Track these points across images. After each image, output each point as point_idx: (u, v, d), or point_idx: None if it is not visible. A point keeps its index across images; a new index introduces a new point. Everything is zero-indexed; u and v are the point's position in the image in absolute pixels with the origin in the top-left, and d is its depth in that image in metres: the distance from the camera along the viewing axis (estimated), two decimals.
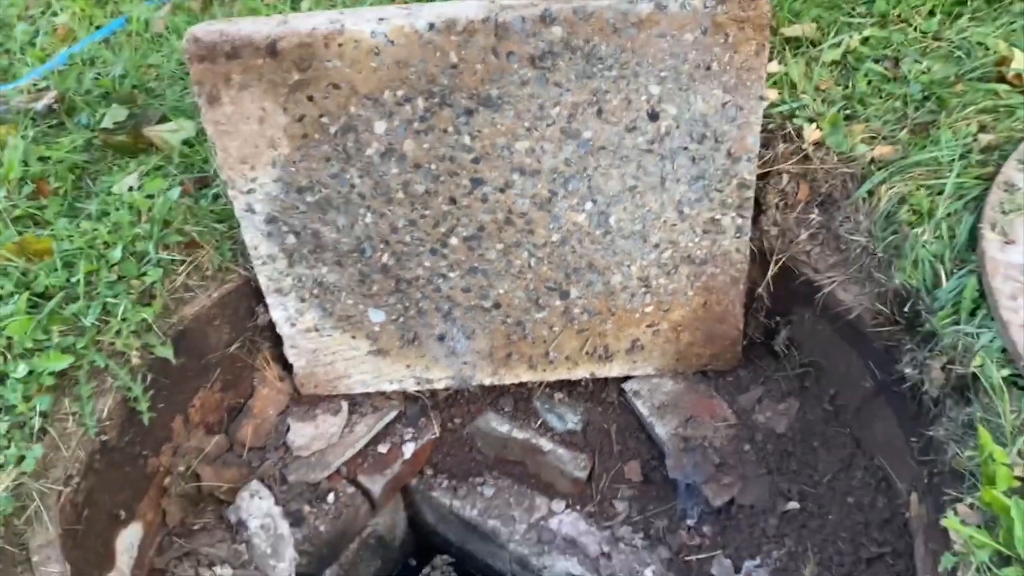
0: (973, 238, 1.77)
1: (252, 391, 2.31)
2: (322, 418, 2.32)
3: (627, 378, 2.38)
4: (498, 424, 2.43)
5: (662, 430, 2.27)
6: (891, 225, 1.93)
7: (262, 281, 2.12)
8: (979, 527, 1.41)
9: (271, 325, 2.22)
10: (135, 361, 1.90)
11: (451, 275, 2.09)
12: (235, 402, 2.28)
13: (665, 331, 2.23)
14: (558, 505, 2.38)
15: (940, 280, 1.77)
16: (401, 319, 2.18)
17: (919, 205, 1.90)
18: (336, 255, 2.06)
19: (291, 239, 2.04)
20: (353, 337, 2.22)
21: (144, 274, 2.01)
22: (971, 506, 1.46)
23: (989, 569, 1.35)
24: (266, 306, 2.17)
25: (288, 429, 2.30)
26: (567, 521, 2.34)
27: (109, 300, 1.92)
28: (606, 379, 2.41)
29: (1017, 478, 1.38)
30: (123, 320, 1.91)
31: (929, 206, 1.88)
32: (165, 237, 2.09)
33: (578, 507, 2.37)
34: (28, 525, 1.64)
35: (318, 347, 2.24)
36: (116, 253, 2.00)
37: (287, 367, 2.32)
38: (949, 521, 1.41)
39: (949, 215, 1.86)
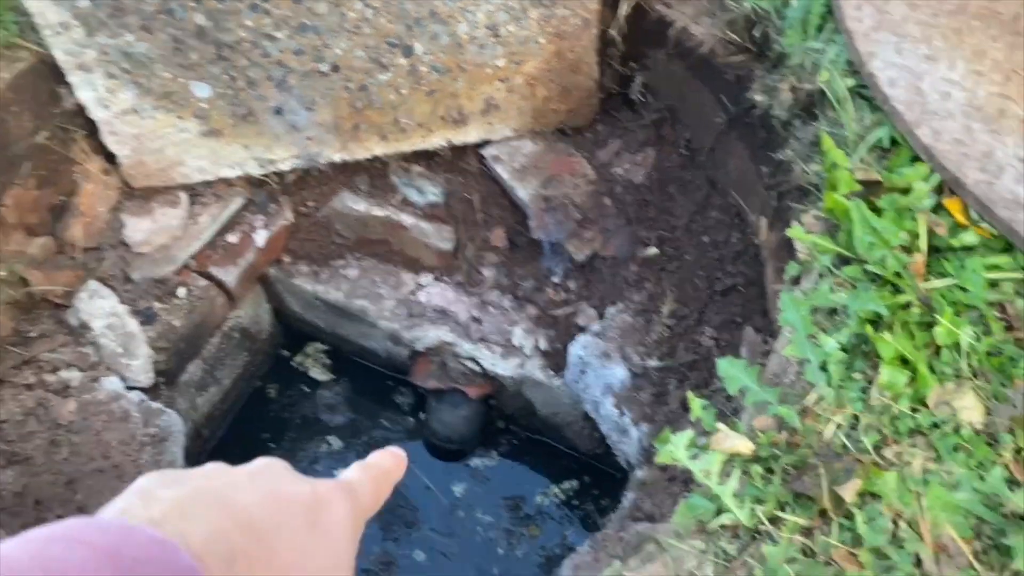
0: None
1: (75, 187, 2.09)
2: (160, 211, 2.14)
3: (486, 144, 2.29)
4: (355, 203, 2.32)
5: (524, 193, 2.22)
6: None
7: (59, 57, 1.85)
8: (821, 234, 1.44)
9: (83, 110, 1.97)
10: None
11: (278, 35, 1.88)
12: (57, 200, 2.06)
13: (519, 87, 2.12)
14: (425, 278, 2.35)
15: None
16: (230, 92, 1.97)
17: None
18: (141, 18, 1.81)
19: (84, 2, 1.76)
20: (179, 117, 2.01)
21: None
22: (815, 217, 1.48)
23: (831, 272, 1.39)
24: (70, 87, 1.92)
25: (123, 225, 2.11)
26: (436, 292, 2.31)
27: None
28: (464, 147, 2.31)
29: (858, 182, 1.40)
30: None
31: None
32: None
33: (446, 278, 2.34)
34: None
35: (141, 132, 2.02)
36: None
37: (111, 158, 2.09)
38: (793, 230, 1.43)
39: None
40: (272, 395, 2.55)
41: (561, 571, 1.70)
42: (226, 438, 2.45)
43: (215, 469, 0.48)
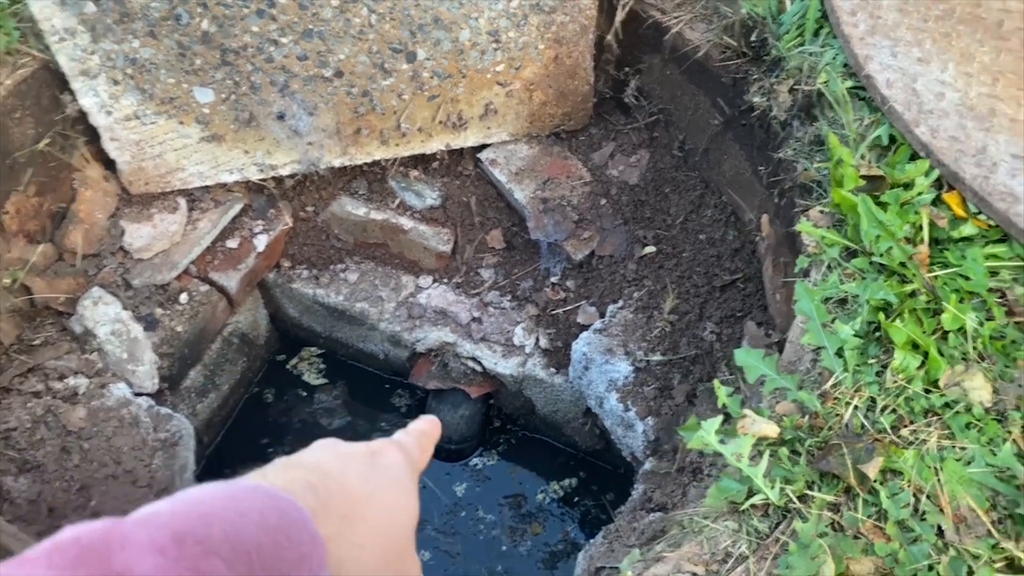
0: None
1: (74, 194, 2.07)
2: (159, 217, 2.14)
3: (482, 148, 2.33)
4: (354, 207, 2.34)
5: (521, 195, 2.26)
6: None
7: (63, 63, 1.85)
8: (829, 228, 1.51)
9: (84, 116, 1.97)
10: None
11: (283, 41, 1.90)
12: (56, 207, 2.04)
13: (518, 91, 2.17)
14: (425, 280, 2.38)
15: (784, 5, 1.78)
16: (232, 97, 1.98)
17: None
18: (147, 24, 1.81)
19: (90, 7, 1.77)
20: (181, 123, 2.01)
21: None
22: (821, 212, 1.55)
23: (839, 263, 1.46)
24: (73, 93, 1.91)
25: (123, 232, 2.11)
26: (435, 294, 2.34)
27: None
28: (461, 151, 2.35)
29: (862, 177, 1.47)
30: None
31: None
32: None
33: (445, 280, 2.37)
34: None
35: (142, 138, 2.02)
36: None
37: (111, 165, 2.09)
38: (802, 225, 1.50)
39: None
40: (269, 400, 2.55)
41: (577, 562, 1.74)
42: (224, 444, 2.45)
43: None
